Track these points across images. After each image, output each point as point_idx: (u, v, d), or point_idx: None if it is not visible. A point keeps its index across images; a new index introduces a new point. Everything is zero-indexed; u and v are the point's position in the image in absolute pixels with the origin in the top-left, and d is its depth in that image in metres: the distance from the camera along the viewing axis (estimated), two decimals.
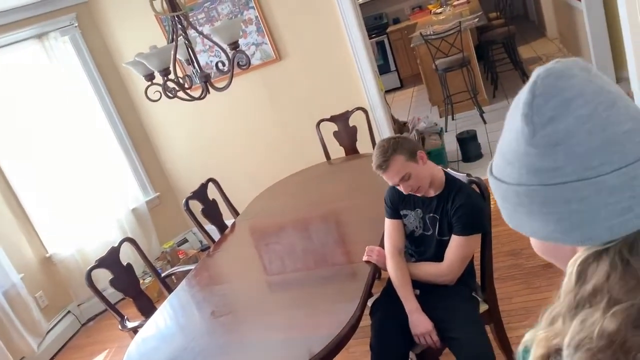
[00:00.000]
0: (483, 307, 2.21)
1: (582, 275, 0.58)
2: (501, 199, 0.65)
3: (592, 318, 0.55)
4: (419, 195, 2.09)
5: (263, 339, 2.00)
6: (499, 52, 6.76)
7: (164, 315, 2.42)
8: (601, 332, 0.53)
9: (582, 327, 0.55)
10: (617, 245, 0.56)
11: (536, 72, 0.59)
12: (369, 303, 2.35)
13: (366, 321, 2.58)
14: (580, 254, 0.59)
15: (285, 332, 2.00)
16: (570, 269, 0.60)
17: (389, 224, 2.24)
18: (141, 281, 3.99)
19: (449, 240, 2.07)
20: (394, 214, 2.22)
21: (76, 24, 4.20)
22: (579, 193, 0.56)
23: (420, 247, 2.21)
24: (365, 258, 2.24)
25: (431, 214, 2.13)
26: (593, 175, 0.55)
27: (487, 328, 2.39)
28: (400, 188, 2.06)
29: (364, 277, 2.13)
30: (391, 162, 1.99)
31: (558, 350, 0.58)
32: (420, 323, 2.04)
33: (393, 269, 2.15)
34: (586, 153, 0.55)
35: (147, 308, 2.66)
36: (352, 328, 1.87)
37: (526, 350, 0.63)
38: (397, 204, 2.21)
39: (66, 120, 4.15)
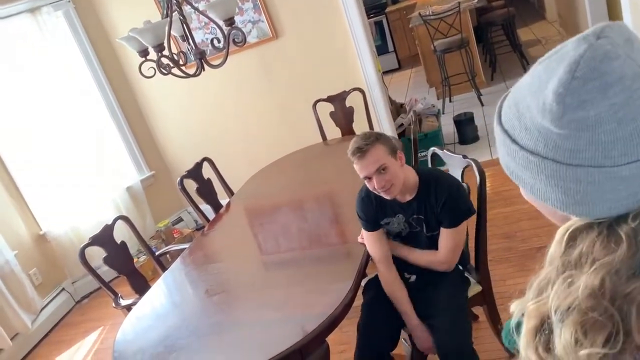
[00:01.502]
0: (476, 289, 2.22)
1: (570, 243, 0.60)
2: (507, 154, 0.64)
3: (577, 280, 0.56)
4: (387, 197, 1.96)
5: (256, 318, 2.00)
6: (498, 34, 6.70)
7: (157, 293, 2.42)
8: (587, 290, 0.55)
9: (569, 291, 0.56)
10: (607, 220, 0.58)
11: (583, 46, 0.56)
12: (363, 283, 2.36)
13: (360, 301, 2.59)
14: (573, 222, 0.61)
15: (279, 311, 2.00)
16: (561, 236, 0.61)
17: (370, 237, 2.11)
18: (135, 259, 3.99)
19: (438, 233, 2.03)
20: (373, 226, 2.09)
21: None
22: (591, 177, 0.56)
23: (410, 243, 2.13)
24: (360, 240, 2.21)
25: (415, 216, 2.04)
26: (609, 164, 0.55)
27: (480, 310, 2.41)
28: (371, 183, 1.92)
29: (358, 258, 2.13)
30: (372, 148, 1.89)
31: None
32: (423, 340, 2.02)
33: (388, 282, 2.09)
34: (610, 142, 0.55)
35: (141, 286, 2.66)
36: (345, 307, 1.87)
37: (518, 323, 0.63)
38: (375, 215, 2.08)
39: (59, 97, 4.10)
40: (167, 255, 4.01)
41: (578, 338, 0.54)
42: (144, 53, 2.36)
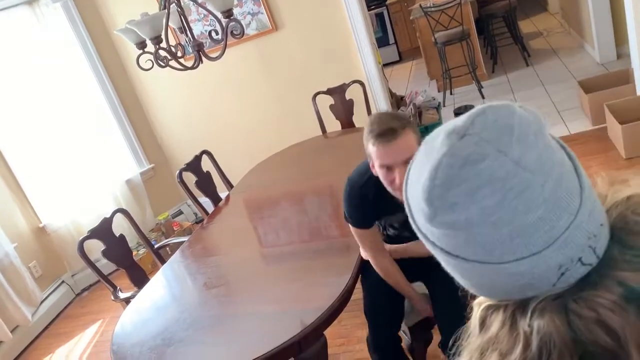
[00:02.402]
0: None
1: (483, 323, 0.59)
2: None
3: None
4: (397, 194, 1.69)
5: (255, 311, 2.00)
6: (499, 26, 6.66)
7: (156, 286, 2.42)
8: None
9: None
10: (513, 304, 0.57)
11: (443, 149, 0.53)
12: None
13: (357, 294, 2.59)
14: (483, 300, 0.60)
15: (277, 304, 2.00)
16: (475, 311, 0.61)
17: (362, 233, 1.93)
18: (135, 252, 3.99)
19: None
20: (368, 222, 1.91)
21: None
22: (479, 270, 0.55)
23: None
24: (364, 256, 2.05)
25: None
26: (494, 261, 0.53)
27: None
28: (389, 175, 1.63)
29: (357, 251, 2.12)
30: (405, 132, 1.59)
31: None
32: (425, 310, 2.01)
33: (386, 272, 1.96)
34: (488, 243, 0.52)
35: (140, 279, 2.66)
36: (343, 301, 1.87)
37: None
38: (370, 215, 1.90)
39: (58, 89, 4.09)
40: (167, 248, 4.01)
41: None
42: (141, 45, 2.34)
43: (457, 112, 4.67)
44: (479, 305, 0.61)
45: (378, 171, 1.66)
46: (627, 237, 0.55)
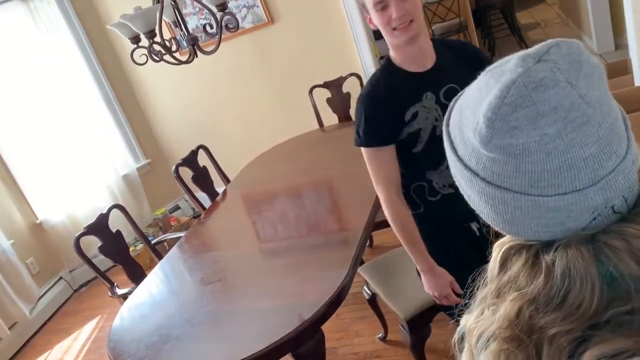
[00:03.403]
0: None
1: (504, 264, 0.59)
2: (449, 158, 0.63)
3: (501, 308, 0.56)
4: (405, 37, 1.50)
5: (252, 306, 1.99)
6: (496, 17, 6.63)
7: (153, 282, 2.41)
8: (505, 321, 0.55)
9: (493, 318, 0.56)
10: (538, 244, 0.57)
11: (519, 69, 0.53)
12: (360, 270, 2.35)
13: (356, 288, 2.59)
14: (507, 239, 0.61)
15: (274, 299, 1.99)
16: (496, 253, 0.61)
17: (378, 156, 1.62)
18: (133, 248, 3.98)
19: None
20: (388, 136, 1.59)
21: None
22: (518, 202, 0.55)
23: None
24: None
25: (448, 86, 1.57)
26: (536, 193, 0.54)
27: None
28: (385, 14, 1.47)
29: (354, 245, 2.11)
30: None
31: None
32: (437, 283, 1.66)
33: (399, 214, 1.65)
34: (537, 172, 0.53)
35: (137, 275, 2.65)
36: (340, 296, 1.86)
37: (462, 337, 0.63)
38: (394, 112, 1.58)
39: (54, 85, 4.06)
40: (165, 243, 4.00)
41: None
42: (135, 40, 2.32)
43: None
44: (501, 246, 0.61)
45: (374, 18, 1.51)
46: None
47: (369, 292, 2.40)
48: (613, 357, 0.47)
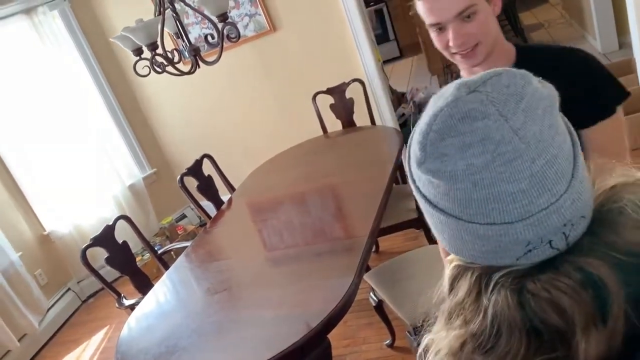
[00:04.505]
0: None
1: (452, 284, 0.61)
2: None
3: (449, 335, 0.58)
4: (466, 65, 1.26)
5: (258, 316, 1.99)
6: (500, 18, 6.59)
7: (160, 292, 2.42)
8: (450, 350, 0.57)
9: (443, 343, 0.59)
10: (479, 268, 0.58)
11: (450, 98, 0.54)
12: (365, 277, 2.34)
13: (362, 295, 2.59)
14: (455, 258, 0.62)
15: (280, 308, 1.99)
16: (447, 268, 0.63)
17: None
18: (140, 257, 4.00)
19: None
20: None
21: None
22: (451, 225, 0.56)
23: None
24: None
25: None
26: (466, 219, 0.54)
27: None
28: (442, 38, 1.20)
29: (360, 252, 2.11)
30: None
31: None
32: None
33: None
34: (465, 200, 0.53)
35: (144, 285, 2.66)
36: (346, 304, 1.85)
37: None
38: None
39: (58, 96, 4.09)
40: (172, 252, 4.02)
41: None
42: (138, 52, 2.33)
43: None
44: (450, 263, 0.62)
45: (431, 35, 1.25)
46: (598, 228, 0.55)
47: (375, 298, 2.40)
48: None
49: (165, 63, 2.27)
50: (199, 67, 2.35)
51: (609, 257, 0.52)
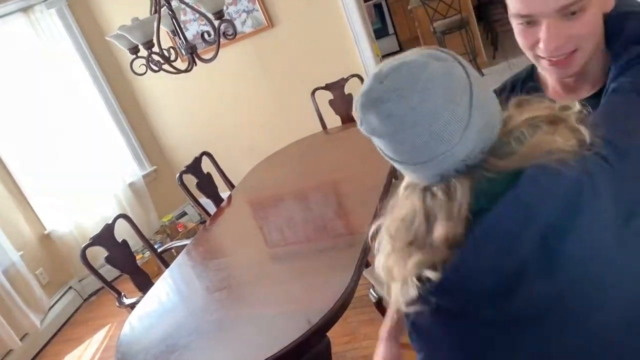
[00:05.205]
0: None
1: (404, 191, 0.85)
2: None
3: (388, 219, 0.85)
4: (566, 71, 0.96)
5: (258, 313, 1.99)
6: (499, 12, 6.59)
7: (160, 291, 2.41)
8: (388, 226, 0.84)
9: (386, 222, 0.85)
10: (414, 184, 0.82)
11: (362, 89, 0.78)
12: (365, 273, 2.34)
13: (364, 291, 2.58)
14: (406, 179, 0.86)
15: (280, 306, 1.99)
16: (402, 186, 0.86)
17: None
18: (141, 255, 4.00)
19: None
20: None
21: None
22: (397, 165, 0.81)
23: None
24: None
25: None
26: (399, 160, 0.79)
27: None
28: (530, 38, 0.94)
29: (359, 248, 2.10)
30: None
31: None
32: None
33: None
34: (394, 151, 0.78)
35: (144, 284, 2.66)
36: (346, 299, 1.85)
37: None
38: None
39: (57, 95, 4.09)
40: (173, 250, 4.01)
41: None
42: (134, 50, 2.32)
43: None
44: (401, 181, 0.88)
45: (515, 29, 0.99)
46: (489, 155, 0.75)
47: (375, 295, 2.40)
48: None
49: (162, 61, 2.27)
50: (195, 64, 2.34)
51: (481, 175, 0.74)
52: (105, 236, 2.67)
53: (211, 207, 3.24)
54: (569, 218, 0.70)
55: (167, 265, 2.73)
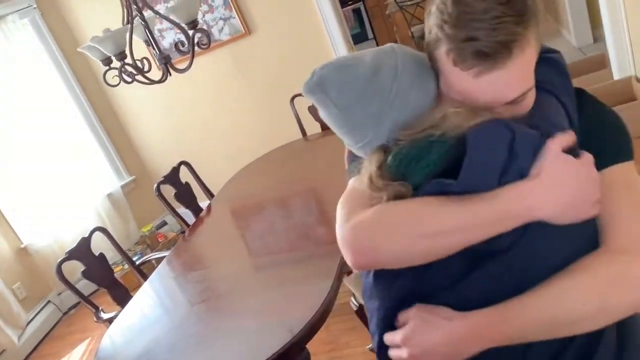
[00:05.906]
0: None
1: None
2: None
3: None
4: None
5: (237, 326, 1.97)
6: None
7: (138, 305, 2.38)
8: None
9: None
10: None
11: (306, 80, 1.03)
12: (345, 281, 2.33)
13: (345, 299, 2.57)
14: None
15: (259, 318, 1.96)
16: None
17: None
18: (121, 267, 3.94)
19: None
20: None
21: (35, 5, 4.04)
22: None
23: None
24: None
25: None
26: (340, 135, 1.07)
27: None
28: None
29: (339, 256, 2.09)
30: (525, 40, 0.88)
31: None
32: None
33: None
34: (335, 120, 1.02)
35: (122, 297, 2.62)
36: (327, 308, 1.83)
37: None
38: None
39: (32, 106, 4.02)
40: (153, 261, 3.96)
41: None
42: (107, 61, 2.29)
43: None
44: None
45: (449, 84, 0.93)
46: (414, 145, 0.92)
47: (356, 303, 2.38)
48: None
49: (135, 72, 2.24)
50: (170, 75, 2.31)
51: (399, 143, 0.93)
52: (81, 250, 2.63)
53: (190, 218, 3.20)
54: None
55: (145, 278, 2.69)
